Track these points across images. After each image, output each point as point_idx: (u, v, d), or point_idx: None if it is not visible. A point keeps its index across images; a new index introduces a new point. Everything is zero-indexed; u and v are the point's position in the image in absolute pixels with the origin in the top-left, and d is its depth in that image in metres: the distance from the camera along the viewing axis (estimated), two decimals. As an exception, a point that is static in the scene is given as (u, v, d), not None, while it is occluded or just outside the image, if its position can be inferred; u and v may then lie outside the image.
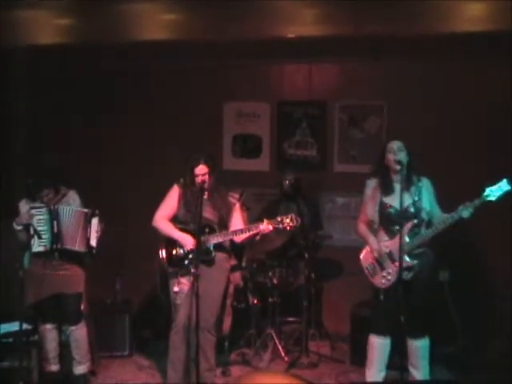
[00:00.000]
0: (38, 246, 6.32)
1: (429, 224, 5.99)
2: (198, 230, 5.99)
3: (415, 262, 5.93)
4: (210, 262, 6.26)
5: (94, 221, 6.44)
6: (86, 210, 6.48)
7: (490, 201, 5.68)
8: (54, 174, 6.60)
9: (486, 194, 5.69)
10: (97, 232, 6.45)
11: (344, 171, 8.39)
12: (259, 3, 7.02)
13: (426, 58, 7.85)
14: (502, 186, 5.67)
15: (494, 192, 5.67)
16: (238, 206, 6.47)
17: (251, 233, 6.23)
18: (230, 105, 8.79)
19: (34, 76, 8.47)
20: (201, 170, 6.24)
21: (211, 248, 6.24)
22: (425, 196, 6.04)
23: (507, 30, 6.46)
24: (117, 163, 8.67)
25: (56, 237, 6.36)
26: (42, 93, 8.59)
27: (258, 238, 6.38)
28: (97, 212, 6.46)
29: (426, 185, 6.09)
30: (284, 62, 8.62)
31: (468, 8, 6.71)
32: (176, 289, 6.21)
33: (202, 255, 6.15)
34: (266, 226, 6.18)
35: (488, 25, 6.66)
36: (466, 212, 5.74)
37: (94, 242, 6.44)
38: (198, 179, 6.19)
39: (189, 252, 6.20)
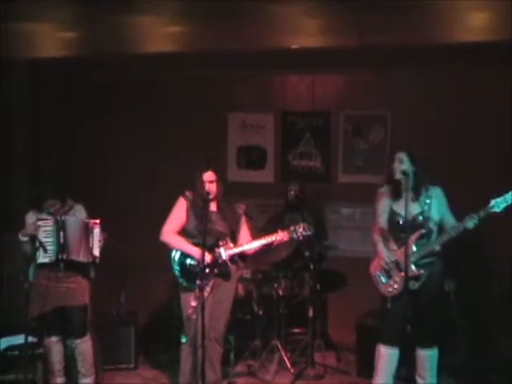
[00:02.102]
0: (43, 258, 6.30)
1: (438, 234, 6.00)
2: (204, 240, 5.95)
3: (422, 271, 5.92)
4: (225, 276, 6.24)
5: (96, 230, 6.42)
6: (87, 220, 6.48)
7: (495, 212, 5.71)
8: (57, 186, 6.61)
9: (491, 205, 5.71)
10: (99, 241, 6.41)
11: (348, 182, 8.39)
12: (263, 14, 7.02)
13: (430, 68, 7.86)
14: (507, 198, 5.69)
15: (498, 203, 5.70)
16: (244, 217, 6.45)
17: (266, 244, 6.22)
18: (234, 116, 8.80)
19: (35, 87, 8.49)
20: (209, 176, 6.20)
21: (227, 261, 6.20)
22: (434, 206, 6.03)
23: (510, 39, 6.46)
24: (121, 174, 8.66)
25: (62, 247, 6.36)
26: (43, 104, 8.61)
27: (272, 247, 6.35)
28: (98, 221, 6.46)
29: (436, 194, 6.08)
30: (287, 73, 8.64)
31: (471, 18, 6.72)
32: (194, 303, 6.05)
33: (218, 269, 6.17)
34: (281, 237, 6.18)
35: (491, 35, 6.67)
36: (470, 223, 5.75)
37: (97, 252, 6.41)
38: (205, 186, 6.17)
39: (205, 265, 6.09)
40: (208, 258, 6.07)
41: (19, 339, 6.22)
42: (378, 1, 6.71)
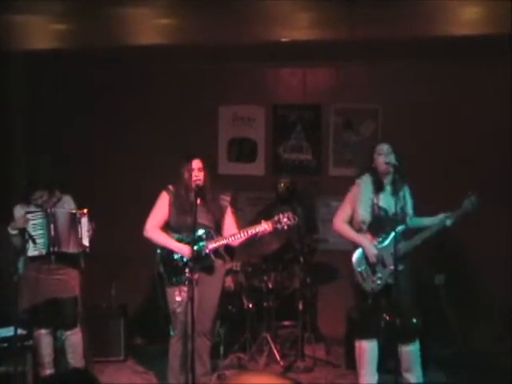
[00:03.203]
0: (32, 251, 6.30)
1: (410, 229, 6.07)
2: (194, 233, 5.95)
3: (402, 267, 5.94)
4: (210, 269, 6.20)
5: (84, 220, 6.42)
6: (74, 211, 6.47)
7: (468, 211, 5.92)
8: (48, 177, 6.61)
9: (464, 205, 5.92)
10: (88, 231, 6.42)
11: (339, 175, 8.38)
12: (254, 7, 7.02)
13: (422, 61, 7.86)
14: (474, 201, 5.92)
15: (469, 204, 5.92)
16: (229, 208, 6.41)
17: (249, 235, 6.18)
18: (225, 109, 8.79)
19: (30, 80, 8.47)
20: (197, 163, 6.17)
21: (211, 254, 6.18)
22: (408, 201, 6.09)
23: (505, 33, 6.46)
24: (113, 168, 8.66)
25: (53, 240, 6.36)
26: (38, 98, 8.59)
27: (256, 239, 6.28)
28: (85, 211, 6.44)
29: (407, 191, 6.14)
30: (279, 66, 8.64)
31: (465, 11, 6.73)
32: (179, 298, 6.08)
33: (202, 262, 6.11)
34: (264, 227, 6.12)
35: (485, 28, 6.68)
36: (448, 221, 5.91)
37: (86, 242, 6.42)
38: (194, 174, 6.14)
39: (188, 260, 6.08)
40: (189, 251, 6.02)
41: (9, 331, 6.21)
42: (370, -6, 6.72)
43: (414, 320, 6.10)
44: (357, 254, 6.17)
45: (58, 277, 6.46)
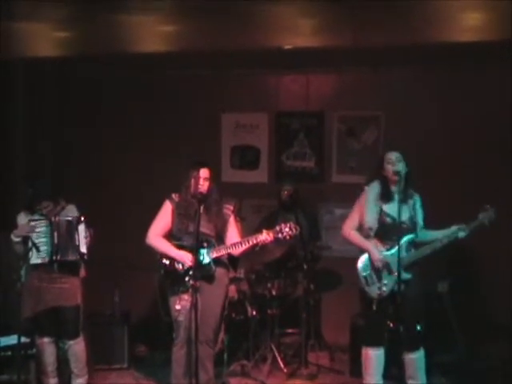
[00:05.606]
0: (35, 258, 6.28)
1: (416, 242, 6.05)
2: (197, 240, 5.94)
3: (409, 276, 5.93)
4: (210, 278, 6.16)
5: (81, 227, 6.37)
6: (70, 218, 6.42)
7: (484, 224, 5.90)
8: (53, 186, 6.60)
9: (480, 218, 5.90)
10: (85, 238, 6.37)
11: (342, 182, 8.39)
12: (257, 14, 7.01)
13: (424, 68, 7.87)
14: (491, 215, 5.91)
15: (486, 218, 5.90)
16: (232, 217, 6.39)
17: (250, 245, 6.17)
18: (228, 116, 8.79)
19: (31, 87, 8.48)
20: (204, 172, 6.17)
21: (211, 263, 6.16)
22: (419, 212, 6.08)
23: (506, 39, 6.46)
24: (116, 175, 8.66)
25: (56, 248, 6.33)
26: (41, 105, 8.60)
27: (257, 248, 6.29)
28: (82, 218, 6.41)
29: (418, 201, 6.12)
30: (282, 73, 8.63)
31: (467, 18, 6.72)
32: (178, 306, 6.06)
33: (202, 271, 6.08)
34: (265, 237, 6.09)
35: (487, 34, 6.67)
36: (462, 233, 5.89)
37: (83, 249, 6.36)
38: (200, 182, 6.14)
39: (188, 268, 6.09)
40: (190, 259, 6.03)
41: (12, 340, 6.20)
42: (373, 0, 6.70)
43: (419, 327, 6.07)
44: (362, 259, 6.17)
45: (59, 285, 6.43)
